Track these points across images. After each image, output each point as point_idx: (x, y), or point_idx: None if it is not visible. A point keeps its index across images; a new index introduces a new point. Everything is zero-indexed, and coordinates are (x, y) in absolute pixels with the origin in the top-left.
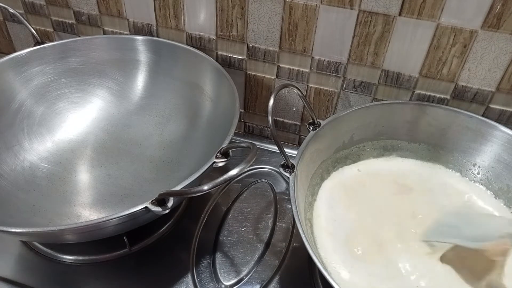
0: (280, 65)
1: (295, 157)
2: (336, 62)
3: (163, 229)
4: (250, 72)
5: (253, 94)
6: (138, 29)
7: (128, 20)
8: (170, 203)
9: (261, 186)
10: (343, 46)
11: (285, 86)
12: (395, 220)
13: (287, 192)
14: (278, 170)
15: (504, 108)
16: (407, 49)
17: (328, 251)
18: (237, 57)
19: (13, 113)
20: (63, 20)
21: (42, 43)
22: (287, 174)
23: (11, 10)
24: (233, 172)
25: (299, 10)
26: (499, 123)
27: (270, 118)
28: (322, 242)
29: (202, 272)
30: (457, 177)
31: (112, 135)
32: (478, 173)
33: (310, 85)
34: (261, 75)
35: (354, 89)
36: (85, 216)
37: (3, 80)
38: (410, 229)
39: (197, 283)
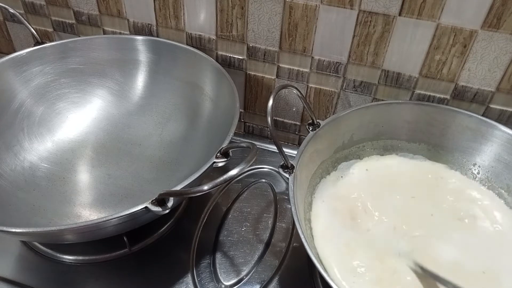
0: (280, 65)
1: (295, 157)
2: (336, 62)
3: (163, 229)
4: (250, 72)
5: (253, 94)
6: (138, 29)
7: (128, 20)
8: (170, 203)
9: (261, 186)
10: (343, 46)
11: (284, 86)
12: (396, 220)
13: (287, 192)
14: (278, 170)
15: (504, 108)
16: (407, 49)
17: (328, 251)
18: (237, 57)
19: (13, 113)
20: (63, 20)
21: (42, 43)
22: (287, 175)
23: (11, 10)
24: (233, 172)
25: (299, 10)
26: (499, 122)
27: (269, 118)
28: (322, 242)
29: (202, 272)
30: (457, 176)
31: (112, 135)
32: (478, 173)
33: (310, 85)
34: (261, 75)
35: (354, 89)
36: (85, 216)
37: (3, 80)
38: (411, 229)
39: (197, 283)
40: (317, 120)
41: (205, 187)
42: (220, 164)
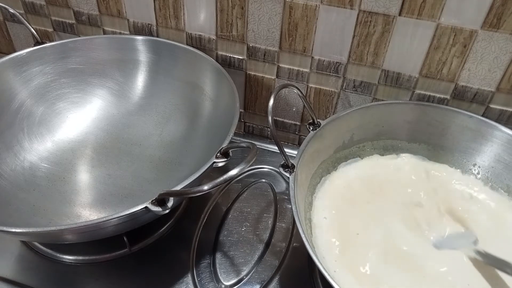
0: (280, 65)
1: (295, 157)
2: (336, 62)
3: (163, 229)
4: (250, 72)
5: (253, 94)
6: (138, 29)
7: (128, 20)
8: (170, 203)
9: (261, 186)
10: (343, 46)
11: (285, 86)
12: (396, 220)
13: (287, 192)
14: (278, 170)
15: (504, 108)
16: (407, 49)
17: (328, 251)
18: (237, 57)
19: (13, 113)
20: (63, 20)
21: (42, 43)
22: (287, 174)
23: (11, 10)
24: (233, 172)
25: (299, 10)
26: (499, 123)
27: (270, 118)
28: (322, 242)
29: (202, 272)
30: (458, 176)
31: (112, 135)
32: (478, 173)
33: (310, 85)
34: (261, 75)
35: (354, 89)
36: (85, 216)
37: (3, 80)
38: (411, 228)
39: (197, 283)
40: (318, 120)
41: (205, 187)
42: (220, 164)
